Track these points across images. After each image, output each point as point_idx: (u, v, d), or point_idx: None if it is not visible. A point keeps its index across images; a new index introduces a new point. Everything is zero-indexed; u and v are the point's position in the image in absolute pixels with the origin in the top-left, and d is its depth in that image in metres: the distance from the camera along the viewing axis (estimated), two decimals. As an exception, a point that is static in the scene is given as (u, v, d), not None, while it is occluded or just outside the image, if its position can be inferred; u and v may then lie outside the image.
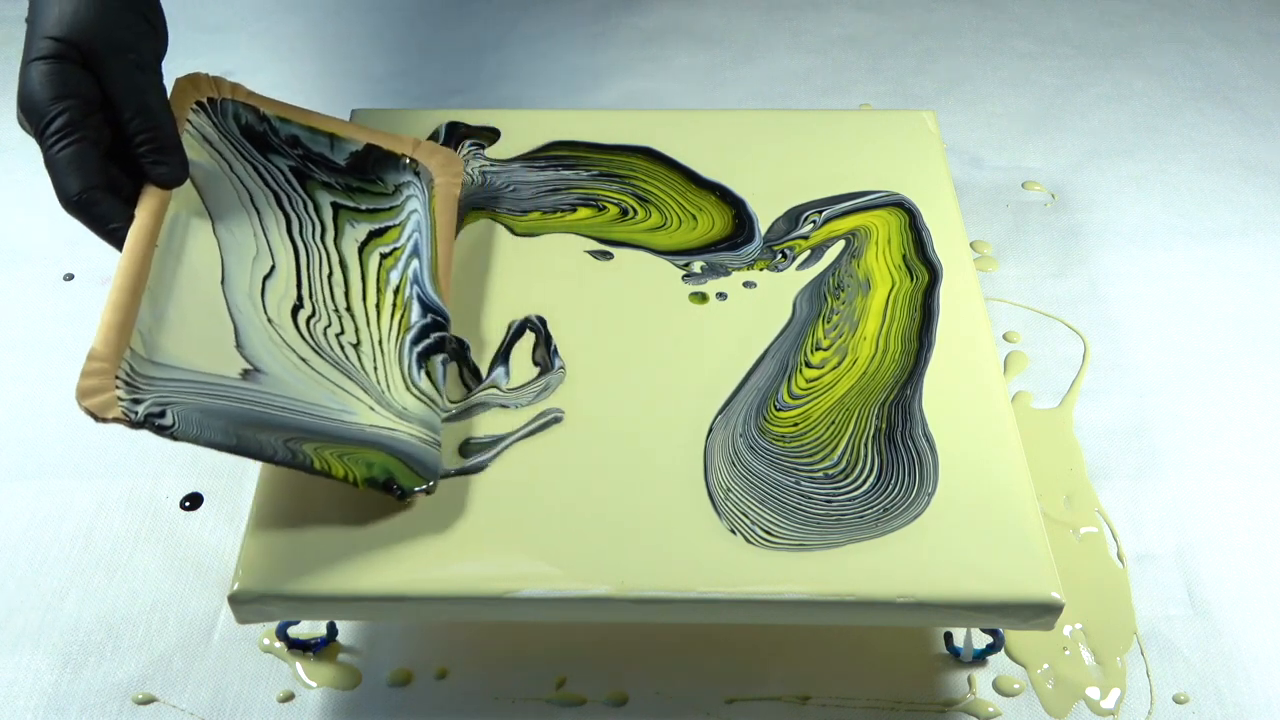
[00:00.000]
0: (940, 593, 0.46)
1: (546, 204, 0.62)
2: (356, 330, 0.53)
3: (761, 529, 0.48)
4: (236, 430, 0.46)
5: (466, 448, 0.51)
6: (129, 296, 0.47)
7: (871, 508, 0.49)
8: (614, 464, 0.50)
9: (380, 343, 0.53)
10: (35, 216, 0.76)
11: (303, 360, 0.51)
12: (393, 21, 0.93)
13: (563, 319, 0.56)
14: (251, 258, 0.53)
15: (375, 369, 0.52)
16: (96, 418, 0.43)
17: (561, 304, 0.57)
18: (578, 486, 0.49)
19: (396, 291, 0.55)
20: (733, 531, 0.48)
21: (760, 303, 0.57)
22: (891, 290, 0.57)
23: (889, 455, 0.50)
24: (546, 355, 0.54)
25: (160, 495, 0.60)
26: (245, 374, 0.49)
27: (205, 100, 0.56)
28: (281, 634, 0.53)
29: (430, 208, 0.59)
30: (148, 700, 0.53)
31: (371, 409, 0.50)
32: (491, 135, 0.65)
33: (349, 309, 0.54)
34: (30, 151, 0.81)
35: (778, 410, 0.52)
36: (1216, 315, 0.69)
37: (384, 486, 0.47)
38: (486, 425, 0.52)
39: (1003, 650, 0.53)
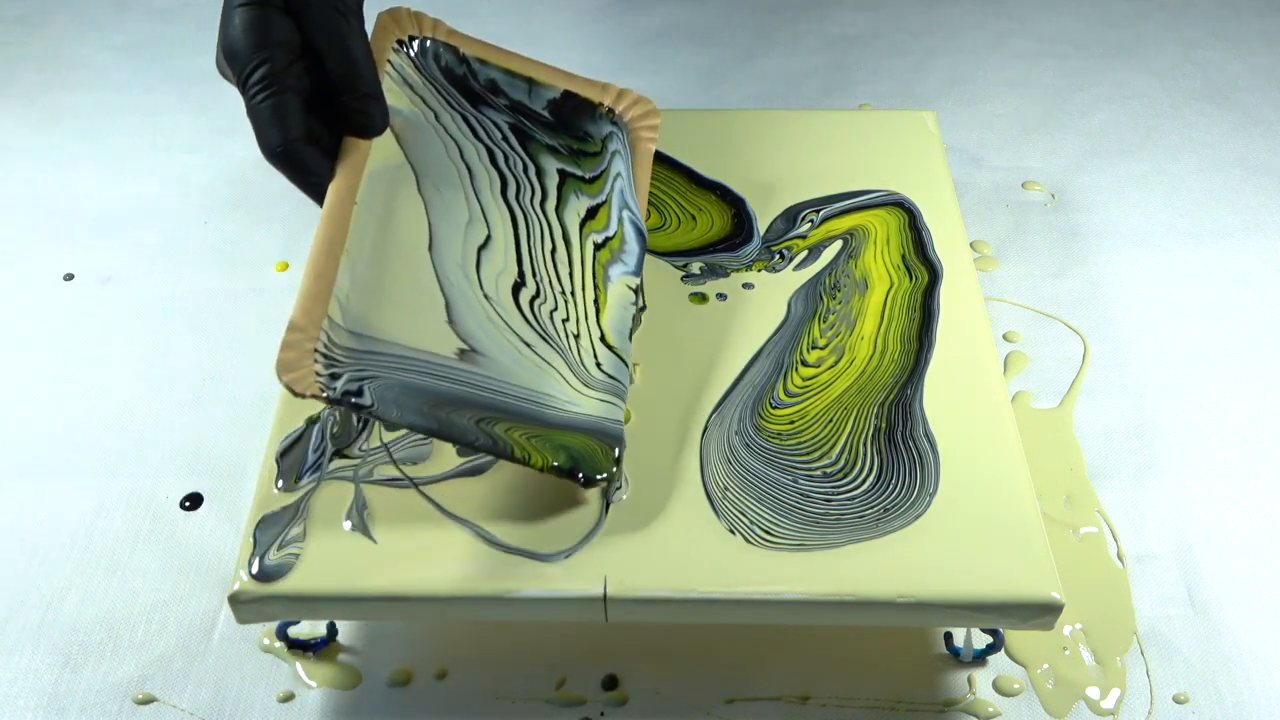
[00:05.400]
0: (940, 593, 0.46)
1: (546, 204, 0.62)
2: (578, 320, 0.49)
3: (761, 529, 0.48)
4: (434, 412, 0.43)
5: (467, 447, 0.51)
6: (329, 261, 0.44)
7: (871, 507, 0.49)
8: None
9: (602, 339, 0.49)
10: (35, 217, 0.76)
11: (527, 345, 0.47)
12: (393, 22, 0.93)
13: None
14: (464, 223, 0.49)
15: (597, 364, 0.48)
16: (294, 392, 0.41)
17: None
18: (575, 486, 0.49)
19: (623, 299, 0.50)
20: (732, 531, 0.48)
21: (758, 303, 0.57)
22: (890, 290, 0.57)
23: (889, 455, 0.50)
24: None
25: (160, 495, 0.60)
26: (462, 354, 0.46)
27: (406, 38, 0.52)
28: (281, 634, 0.53)
29: (633, 171, 0.54)
30: (148, 700, 0.53)
31: (594, 400, 0.48)
32: (491, 135, 0.65)
33: (572, 293, 0.50)
34: (33, 150, 0.82)
35: (773, 408, 0.52)
36: (1216, 315, 0.69)
37: (569, 474, 0.45)
38: (486, 425, 0.52)
39: (1003, 650, 0.53)
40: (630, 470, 0.50)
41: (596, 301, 0.50)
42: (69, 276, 0.72)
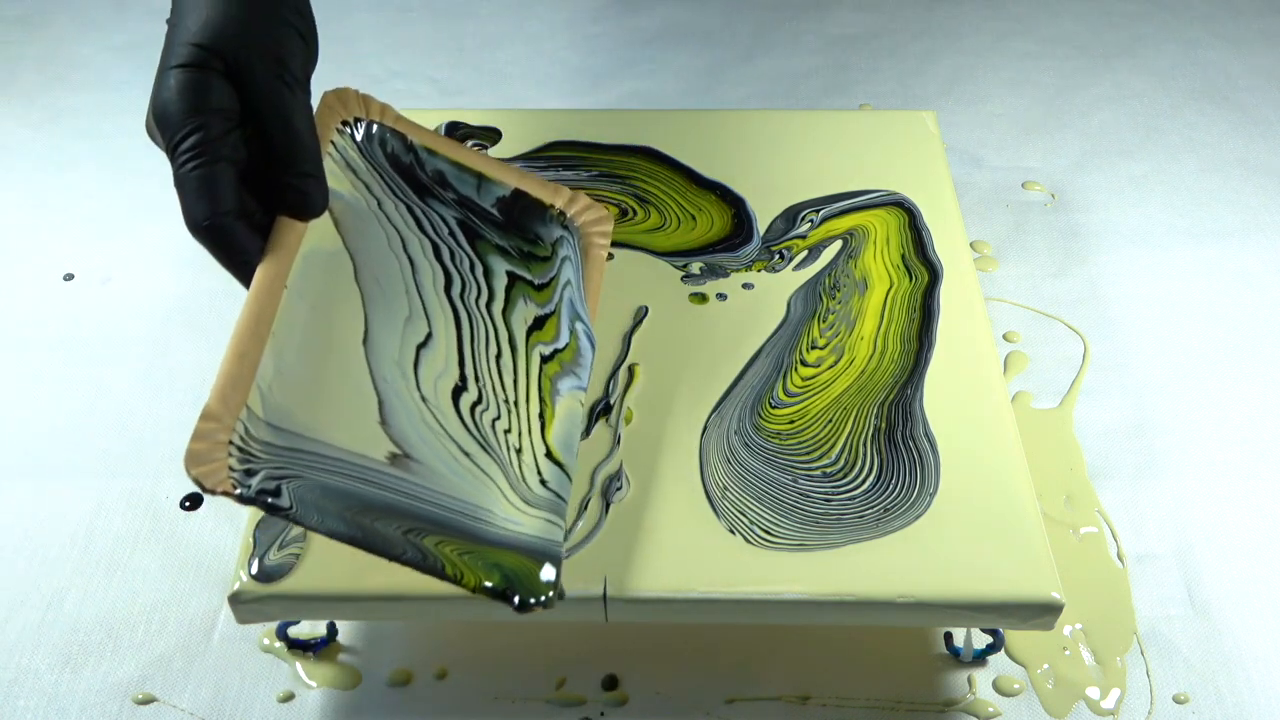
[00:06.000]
0: (940, 593, 0.46)
1: (546, 204, 0.62)
2: (520, 434, 0.46)
3: (761, 528, 0.48)
4: (358, 519, 0.40)
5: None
6: (253, 344, 0.41)
7: (872, 507, 0.49)
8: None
9: (548, 454, 0.47)
10: (35, 216, 0.76)
11: (466, 454, 0.45)
12: (393, 21, 0.93)
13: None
14: (403, 318, 0.46)
15: (540, 480, 0.46)
16: (204, 488, 0.38)
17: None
18: (577, 485, 0.49)
19: (572, 414, 0.48)
20: (732, 531, 0.48)
21: (758, 303, 0.57)
22: (890, 290, 0.57)
23: (889, 455, 0.50)
24: None
25: (160, 495, 0.60)
26: (393, 459, 0.43)
27: (352, 120, 0.49)
28: (281, 634, 0.53)
29: (582, 281, 0.52)
30: (148, 700, 0.53)
31: (534, 519, 0.45)
32: (492, 135, 0.65)
33: (515, 402, 0.47)
34: (33, 150, 0.82)
35: (773, 408, 0.52)
36: (1216, 315, 0.69)
37: (502, 596, 0.42)
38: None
39: (1003, 650, 0.53)
40: (630, 470, 0.50)
41: (542, 415, 0.47)
42: (69, 276, 0.72)
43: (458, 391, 0.46)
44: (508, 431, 0.46)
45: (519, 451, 0.46)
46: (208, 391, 0.64)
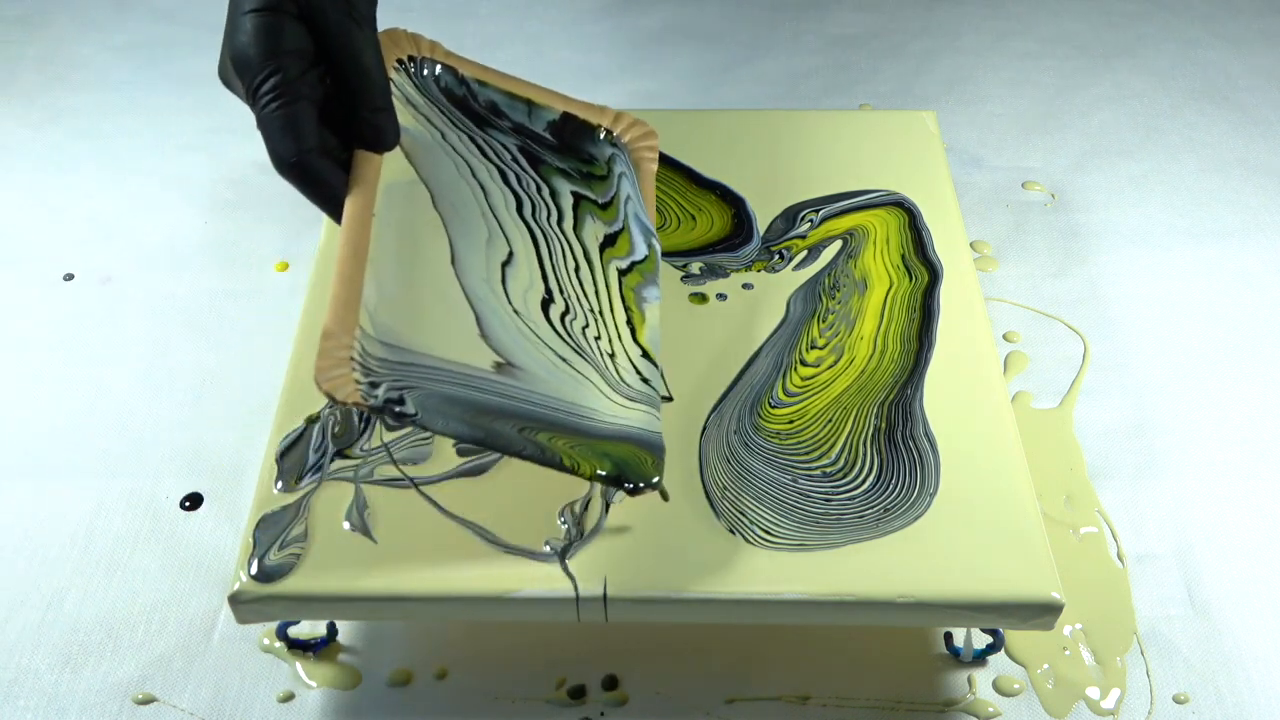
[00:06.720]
0: (940, 593, 0.46)
1: (546, 204, 0.62)
2: (610, 339, 0.49)
3: (760, 528, 0.48)
4: (478, 421, 0.43)
5: (466, 448, 0.51)
6: (355, 269, 0.43)
7: (872, 507, 0.49)
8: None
9: (644, 355, 0.49)
10: (35, 216, 0.76)
11: (562, 359, 0.47)
12: (393, 21, 0.93)
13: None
14: (484, 240, 0.48)
15: (640, 377, 0.48)
16: (334, 400, 0.40)
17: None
18: (578, 485, 0.49)
19: (655, 326, 0.50)
20: (732, 531, 0.48)
21: (757, 303, 0.57)
22: (889, 290, 0.57)
23: (889, 455, 0.50)
24: None
25: (160, 495, 0.60)
26: (499, 367, 0.45)
27: (406, 58, 0.52)
28: (281, 634, 0.53)
29: (640, 194, 0.54)
30: (148, 700, 0.53)
31: (636, 412, 0.47)
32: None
33: (600, 311, 0.49)
34: (33, 150, 0.82)
35: (772, 407, 0.52)
36: (1216, 315, 0.69)
37: (615, 482, 0.45)
38: (486, 425, 0.51)
39: (1003, 650, 0.53)
40: (630, 470, 0.50)
41: (630, 322, 0.50)
42: (69, 276, 0.72)
43: (546, 304, 0.48)
44: (598, 338, 0.49)
45: (612, 356, 0.49)
46: (208, 391, 0.65)
